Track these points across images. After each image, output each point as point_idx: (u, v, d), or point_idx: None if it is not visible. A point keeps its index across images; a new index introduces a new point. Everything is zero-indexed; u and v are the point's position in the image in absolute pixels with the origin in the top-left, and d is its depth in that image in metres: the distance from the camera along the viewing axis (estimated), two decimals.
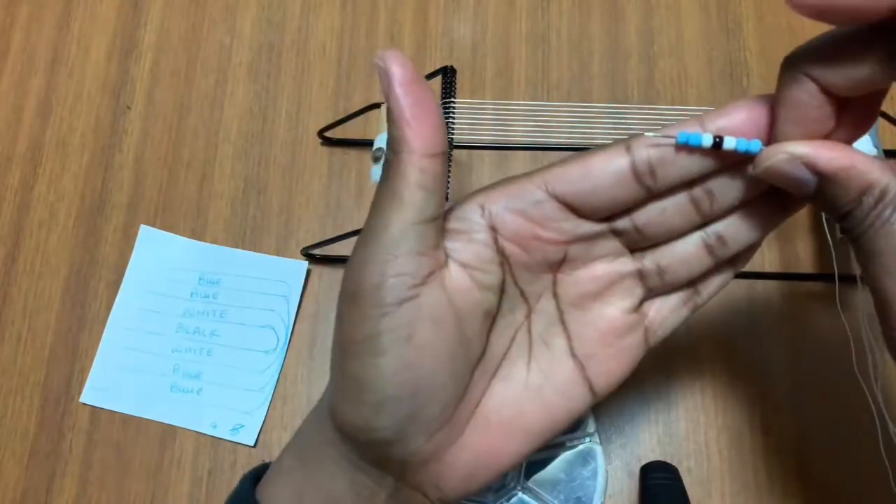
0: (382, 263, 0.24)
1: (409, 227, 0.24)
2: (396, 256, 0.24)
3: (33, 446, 0.44)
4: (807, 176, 0.24)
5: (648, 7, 0.51)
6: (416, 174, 0.23)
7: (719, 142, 0.24)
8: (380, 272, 0.23)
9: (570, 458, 0.39)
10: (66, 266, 0.47)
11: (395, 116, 0.23)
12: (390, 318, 0.24)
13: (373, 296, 0.24)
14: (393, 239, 0.24)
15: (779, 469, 0.42)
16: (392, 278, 0.23)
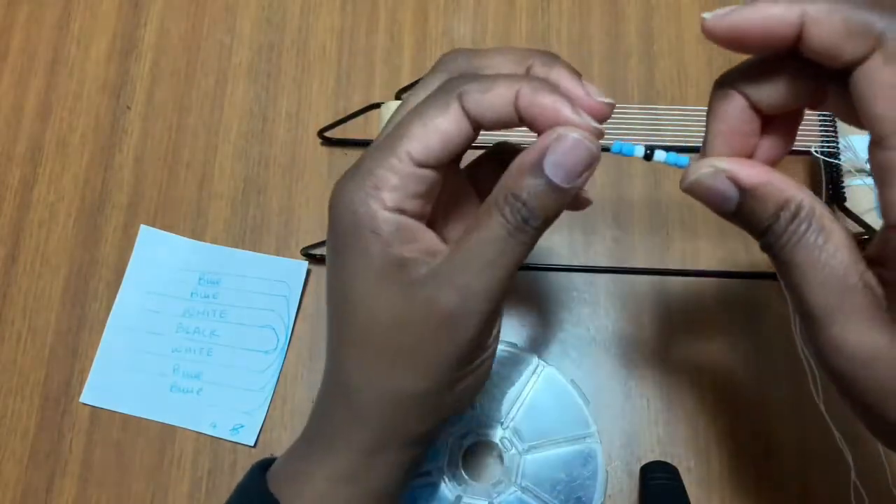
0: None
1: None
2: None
3: (33, 446, 0.44)
4: (729, 190, 0.25)
5: (648, 7, 0.51)
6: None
7: (650, 154, 0.26)
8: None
9: (570, 458, 0.39)
10: (66, 266, 0.47)
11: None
12: (493, 347, 0.30)
13: (487, 337, 0.29)
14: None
15: (778, 469, 0.42)
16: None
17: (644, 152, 0.26)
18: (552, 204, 0.25)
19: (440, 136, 0.26)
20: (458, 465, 0.39)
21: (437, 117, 0.26)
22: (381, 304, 0.27)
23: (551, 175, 0.25)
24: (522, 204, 0.25)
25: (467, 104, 0.26)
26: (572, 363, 0.44)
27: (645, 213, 0.47)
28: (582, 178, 0.25)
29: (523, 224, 0.25)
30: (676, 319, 0.45)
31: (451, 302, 0.26)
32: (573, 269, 0.46)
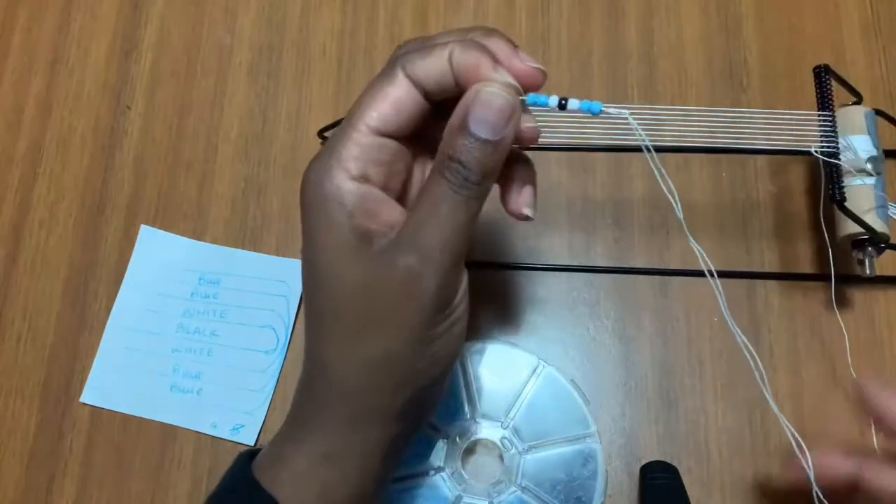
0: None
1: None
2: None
3: (33, 446, 0.44)
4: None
5: (648, 7, 0.51)
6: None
7: (564, 103, 0.28)
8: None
9: (570, 458, 0.39)
10: (66, 266, 0.47)
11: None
12: (462, 306, 0.30)
13: (452, 294, 0.29)
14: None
15: (778, 469, 0.42)
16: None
17: (558, 102, 0.28)
18: (486, 157, 0.27)
19: (391, 102, 0.28)
20: (458, 465, 0.39)
21: (385, 87, 0.28)
22: (346, 274, 0.28)
23: (477, 131, 0.27)
24: (459, 163, 0.27)
25: (410, 71, 0.28)
26: (572, 363, 0.44)
27: (645, 213, 0.47)
28: (507, 129, 0.27)
29: (465, 182, 0.27)
30: (676, 319, 0.45)
31: (410, 261, 0.27)
32: (573, 269, 0.46)
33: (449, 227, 0.27)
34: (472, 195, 0.27)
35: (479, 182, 0.27)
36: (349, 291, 0.28)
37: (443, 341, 0.29)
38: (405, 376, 0.29)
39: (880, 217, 0.41)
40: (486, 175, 0.28)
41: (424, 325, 0.28)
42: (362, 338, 0.28)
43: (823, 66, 0.42)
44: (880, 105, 0.47)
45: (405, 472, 0.39)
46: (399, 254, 0.27)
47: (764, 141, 0.39)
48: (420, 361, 0.29)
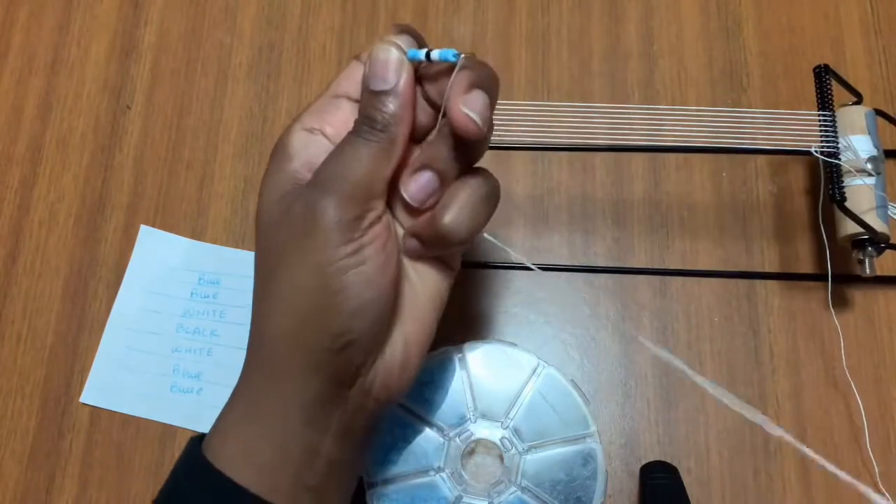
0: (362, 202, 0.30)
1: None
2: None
3: (33, 446, 0.44)
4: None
5: (648, 7, 0.51)
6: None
7: (428, 53, 0.30)
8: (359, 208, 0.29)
9: (570, 458, 0.39)
10: (66, 266, 0.47)
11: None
12: (369, 235, 0.29)
13: (353, 222, 0.29)
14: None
15: (778, 469, 0.42)
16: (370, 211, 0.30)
17: (425, 53, 0.30)
18: (383, 106, 0.30)
19: (345, 75, 0.32)
20: (458, 465, 0.39)
21: (343, 71, 0.33)
22: (268, 215, 0.30)
23: (373, 86, 0.30)
24: (364, 117, 0.30)
25: (361, 58, 0.32)
26: (572, 363, 0.44)
27: (645, 213, 0.47)
28: (395, 78, 0.30)
29: (369, 130, 0.30)
30: (676, 319, 0.45)
31: (308, 194, 0.29)
32: (573, 269, 0.46)
33: (348, 163, 0.29)
34: (373, 139, 0.29)
35: (381, 129, 0.29)
36: (267, 231, 0.30)
37: (349, 279, 0.28)
38: (311, 314, 0.29)
39: (880, 217, 0.41)
40: (388, 122, 0.30)
41: (323, 255, 0.28)
42: (274, 277, 0.30)
43: (823, 66, 0.42)
44: (880, 105, 0.47)
45: (405, 472, 0.39)
46: (304, 191, 0.29)
47: (764, 141, 0.39)
48: (326, 298, 0.28)
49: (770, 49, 0.50)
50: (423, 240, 0.31)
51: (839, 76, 0.42)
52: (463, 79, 0.29)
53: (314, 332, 0.29)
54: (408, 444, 0.39)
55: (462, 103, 0.28)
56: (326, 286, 0.28)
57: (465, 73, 0.29)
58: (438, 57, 0.30)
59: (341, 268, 0.28)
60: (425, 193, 0.31)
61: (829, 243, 0.42)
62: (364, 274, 0.29)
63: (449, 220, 0.30)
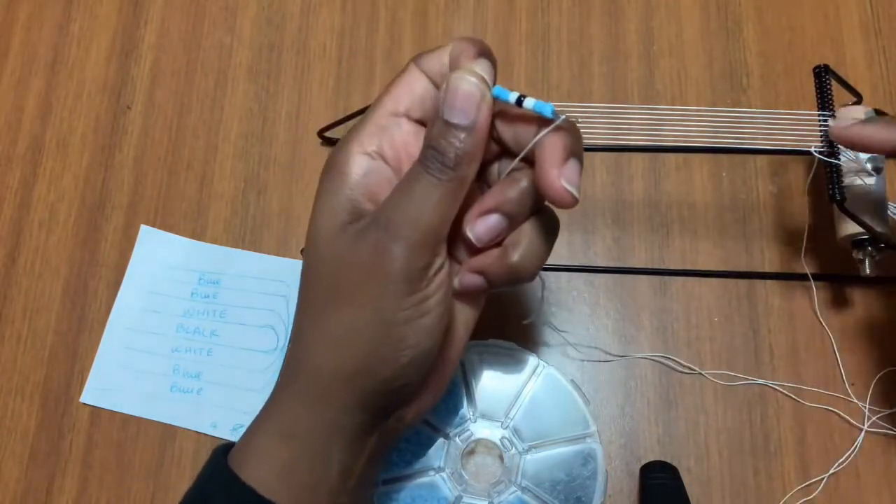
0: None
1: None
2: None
3: (33, 446, 0.44)
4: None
5: (648, 7, 0.51)
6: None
7: (521, 100, 0.28)
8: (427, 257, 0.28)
9: (570, 458, 0.39)
10: (66, 266, 0.47)
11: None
12: (434, 285, 0.29)
13: (421, 271, 0.28)
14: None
15: (778, 469, 0.42)
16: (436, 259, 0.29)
17: (517, 98, 0.28)
18: (459, 142, 0.28)
19: (405, 87, 0.30)
20: (458, 465, 0.39)
21: (400, 77, 0.31)
22: (326, 246, 0.29)
23: (448, 117, 0.28)
24: (433, 150, 0.28)
25: (420, 64, 0.30)
26: (572, 363, 0.44)
27: (645, 213, 0.47)
28: (477, 114, 0.28)
29: (440, 166, 0.28)
30: (676, 319, 0.45)
31: (377, 237, 0.28)
32: (573, 269, 0.46)
33: (420, 206, 0.28)
34: (446, 178, 0.28)
35: (453, 167, 0.28)
36: (324, 263, 0.29)
37: (411, 329, 0.28)
38: (368, 360, 0.28)
39: (880, 217, 0.41)
40: (460, 160, 0.28)
41: (389, 305, 0.28)
42: (330, 312, 0.29)
43: (823, 65, 0.42)
44: (880, 105, 0.47)
45: (405, 472, 0.39)
46: (370, 231, 0.28)
47: (764, 141, 0.39)
48: (383, 346, 0.28)
49: (770, 49, 0.50)
50: (491, 277, 0.30)
51: (839, 76, 0.42)
52: (559, 144, 0.28)
53: (367, 376, 0.29)
54: (408, 445, 0.39)
55: (562, 175, 0.27)
56: (388, 335, 0.28)
57: (562, 138, 0.28)
58: (533, 108, 0.28)
59: (405, 318, 0.28)
60: (492, 235, 0.30)
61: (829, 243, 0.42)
62: (425, 326, 0.29)
63: (519, 258, 0.30)
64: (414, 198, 0.28)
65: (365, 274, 0.28)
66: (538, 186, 0.28)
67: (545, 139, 0.28)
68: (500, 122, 0.30)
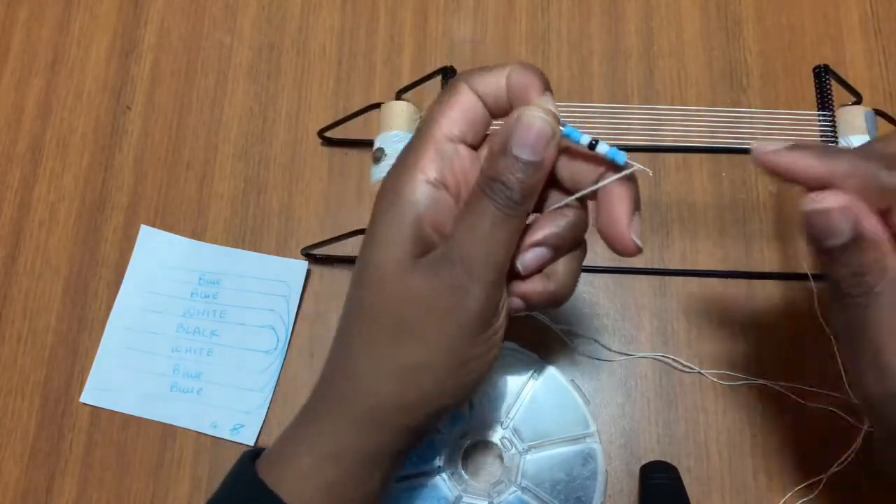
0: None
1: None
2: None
3: (33, 446, 0.44)
4: (845, 230, 0.28)
5: (648, 7, 0.51)
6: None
7: (594, 144, 0.28)
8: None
9: (570, 458, 0.39)
10: (66, 266, 0.47)
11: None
12: (500, 321, 0.29)
13: (494, 309, 0.29)
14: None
15: (778, 469, 0.42)
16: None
17: (589, 142, 0.28)
18: (527, 178, 0.28)
19: (458, 108, 0.29)
20: (458, 465, 0.39)
21: (451, 97, 0.29)
22: (393, 280, 0.28)
23: (518, 153, 0.27)
24: (501, 184, 0.27)
25: (472, 84, 0.29)
26: (572, 363, 0.44)
27: (645, 213, 0.47)
28: (546, 151, 0.28)
29: (508, 201, 0.28)
30: (676, 319, 0.45)
31: (454, 275, 0.27)
32: None
33: (492, 243, 0.28)
34: (513, 214, 0.28)
35: (520, 202, 0.28)
36: (391, 298, 0.28)
37: (479, 363, 0.29)
38: (432, 392, 0.29)
39: None
40: (527, 196, 0.28)
41: (464, 343, 0.28)
42: (398, 345, 0.28)
43: (823, 66, 0.42)
44: (880, 105, 0.47)
45: (405, 472, 0.39)
46: (444, 267, 0.28)
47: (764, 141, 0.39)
48: (451, 380, 0.29)
49: (770, 49, 0.50)
50: (532, 302, 0.31)
51: (839, 76, 0.42)
52: (627, 195, 0.28)
53: (428, 405, 0.29)
54: None
55: (631, 229, 0.28)
56: (458, 371, 0.29)
57: (629, 189, 0.29)
58: (606, 154, 0.28)
59: (477, 354, 0.29)
60: (538, 265, 0.30)
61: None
62: (491, 358, 0.30)
63: (558, 286, 0.31)
64: (485, 234, 0.28)
65: (439, 312, 0.28)
66: (604, 234, 0.29)
67: (612, 187, 0.28)
68: (563, 158, 0.30)
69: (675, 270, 0.46)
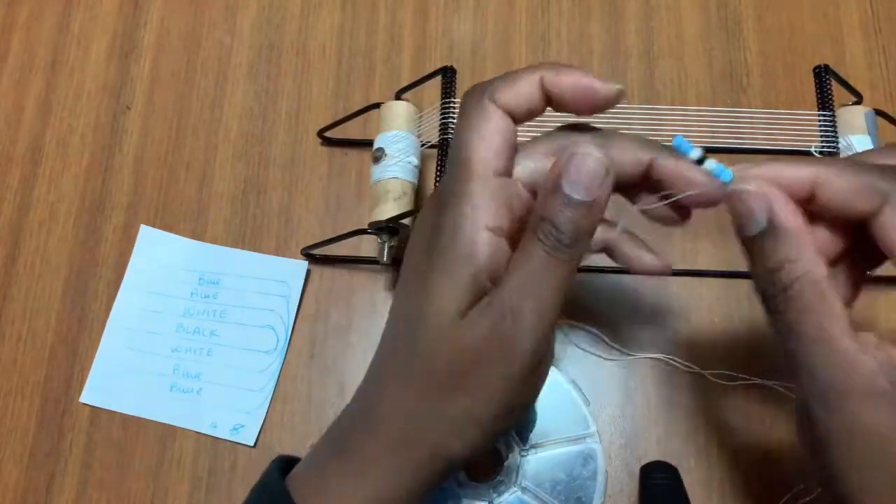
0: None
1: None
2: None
3: (33, 446, 0.44)
4: (761, 217, 0.27)
5: (648, 7, 0.51)
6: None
7: (703, 159, 0.28)
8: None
9: (570, 458, 0.39)
10: (66, 266, 0.47)
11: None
12: (546, 357, 0.29)
13: (542, 356, 0.28)
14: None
15: (778, 469, 0.42)
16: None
17: (699, 156, 0.28)
18: (579, 219, 0.27)
19: (499, 135, 0.28)
20: None
21: (483, 122, 0.28)
22: (444, 329, 0.27)
23: (571, 192, 0.26)
24: (553, 226, 0.26)
25: (499, 100, 0.28)
26: (572, 363, 0.44)
27: None
28: (600, 191, 0.27)
29: (558, 244, 0.27)
30: (677, 320, 0.45)
31: (503, 324, 0.27)
32: None
33: (543, 291, 0.27)
34: (565, 257, 0.27)
35: (571, 244, 0.27)
36: (444, 348, 0.28)
37: (521, 403, 0.30)
38: (477, 441, 0.29)
39: None
40: (580, 237, 0.27)
41: (514, 388, 0.28)
42: (447, 394, 0.28)
43: (823, 65, 0.42)
44: (880, 105, 0.47)
45: None
46: (493, 316, 0.27)
47: (764, 141, 0.39)
48: (497, 424, 0.29)
49: (770, 49, 0.50)
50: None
51: (839, 76, 0.42)
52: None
53: (472, 453, 0.29)
54: None
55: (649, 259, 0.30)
56: (503, 418, 0.29)
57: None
58: (712, 171, 0.28)
59: (527, 392, 0.29)
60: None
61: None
62: (534, 395, 0.30)
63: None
64: (535, 281, 0.27)
65: (489, 362, 0.27)
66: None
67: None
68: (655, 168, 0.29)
69: (675, 270, 0.46)
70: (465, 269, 0.27)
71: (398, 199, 0.41)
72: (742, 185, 0.27)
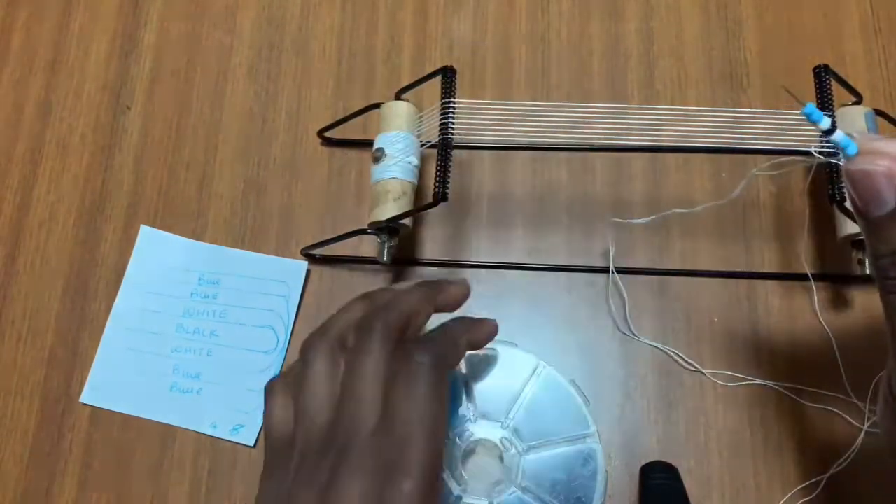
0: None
1: None
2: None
3: (33, 446, 0.44)
4: (890, 196, 0.25)
5: (648, 7, 0.51)
6: None
7: (832, 129, 0.27)
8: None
9: (570, 458, 0.39)
10: (66, 266, 0.47)
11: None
12: None
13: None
14: None
15: (778, 469, 0.42)
16: None
17: (829, 125, 0.27)
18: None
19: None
20: (458, 465, 0.39)
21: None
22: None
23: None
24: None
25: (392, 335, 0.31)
26: (572, 363, 0.44)
27: (645, 213, 0.47)
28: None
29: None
30: (676, 319, 0.45)
31: None
32: (573, 269, 0.46)
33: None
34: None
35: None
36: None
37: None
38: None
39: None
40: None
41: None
42: None
43: (823, 65, 0.42)
44: (880, 105, 0.47)
45: None
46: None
47: (764, 141, 0.39)
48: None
49: (770, 49, 0.50)
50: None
51: (839, 76, 0.42)
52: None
53: None
54: None
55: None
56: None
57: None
58: (839, 142, 0.27)
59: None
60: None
61: (829, 243, 0.42)
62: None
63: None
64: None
65: None
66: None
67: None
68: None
69: (676, 270, 0.46)
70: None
71: (398, 199, 0.41)
72: (870, 164, 0.25)
